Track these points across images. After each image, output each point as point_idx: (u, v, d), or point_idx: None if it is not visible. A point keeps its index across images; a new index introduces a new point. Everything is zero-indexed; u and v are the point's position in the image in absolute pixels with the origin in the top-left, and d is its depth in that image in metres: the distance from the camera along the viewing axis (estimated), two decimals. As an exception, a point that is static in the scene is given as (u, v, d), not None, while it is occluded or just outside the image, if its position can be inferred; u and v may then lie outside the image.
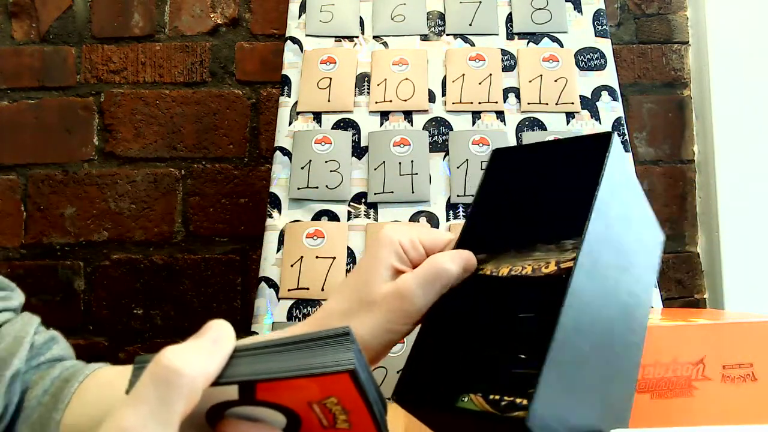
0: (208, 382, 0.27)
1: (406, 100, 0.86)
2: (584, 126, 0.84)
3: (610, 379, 0.35)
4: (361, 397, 0.28)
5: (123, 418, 0.25)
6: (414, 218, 0.80)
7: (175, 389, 0.25)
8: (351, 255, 0.77)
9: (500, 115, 0.86)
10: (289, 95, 0.88)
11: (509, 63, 0.89)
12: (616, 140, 0.37)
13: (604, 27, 0.91)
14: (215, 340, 0.28)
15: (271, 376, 0.27)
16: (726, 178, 1.08)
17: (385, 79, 0.88)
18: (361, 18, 0.93)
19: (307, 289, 0.75)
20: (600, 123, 0.84)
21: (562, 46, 0.90)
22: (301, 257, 0.76)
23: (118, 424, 0.25)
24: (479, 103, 0.86)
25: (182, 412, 0.25)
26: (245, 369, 0.28)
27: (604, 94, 0.87)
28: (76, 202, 1.14)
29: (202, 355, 0.27)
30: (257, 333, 0.73)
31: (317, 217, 0.80)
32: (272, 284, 0.76)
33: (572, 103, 0.85)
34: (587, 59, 0.89)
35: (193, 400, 0.26)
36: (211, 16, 1.18)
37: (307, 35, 0.92)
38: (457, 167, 0.82)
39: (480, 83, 0.87)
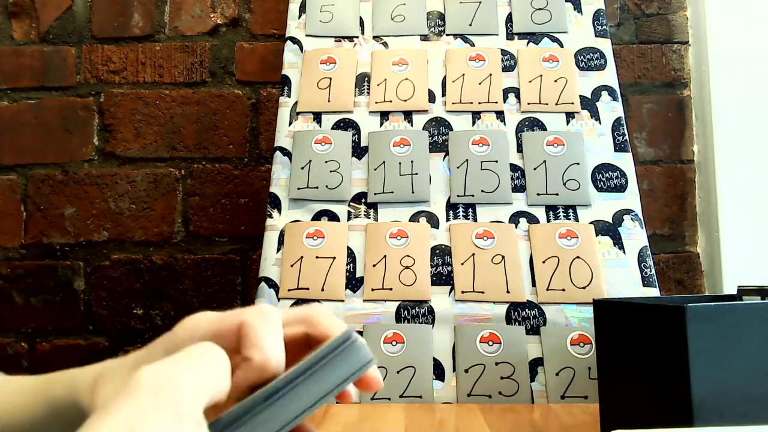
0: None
1: (406, 100, 0.86)
2: (584, 126, 0.84)
3: None
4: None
5: None
6: (414, 218, 0.80)
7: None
8: (351, 255, 0.77)
9: (500, 115, 0.86)
10: (289, 95, 0.88)
11: (509, 63, 0.89)
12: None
13: (604, 27, 0.91)
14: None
15: (308, 411, 0.27)
16: (726, 178, 1.08)
17: (385, 79, 0.88)
18: (361, 18, 0.93)
19: (307, 289, 0.75)
20: (600, 123, 0.84)
21: (562, 46, 0.90)
22: (301, 257, 0.76)
23: None
24: (479, 103, 0.86)
25: None
26: (281, 417, 0.27)
27: (604, 94, 0.86)
28: (76, 202, 1.14)
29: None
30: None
31: (317, 217, 0.80)
32: (272, 284, 0.76)
33: (572, 103, 0.85)
34: (587, 59, 0.89)
35: None
36: (211, 16, 1.18)
37: (307, 35, 0.92)
38: (457, 167, 0.82)
39: (480, 83, 0.87)
